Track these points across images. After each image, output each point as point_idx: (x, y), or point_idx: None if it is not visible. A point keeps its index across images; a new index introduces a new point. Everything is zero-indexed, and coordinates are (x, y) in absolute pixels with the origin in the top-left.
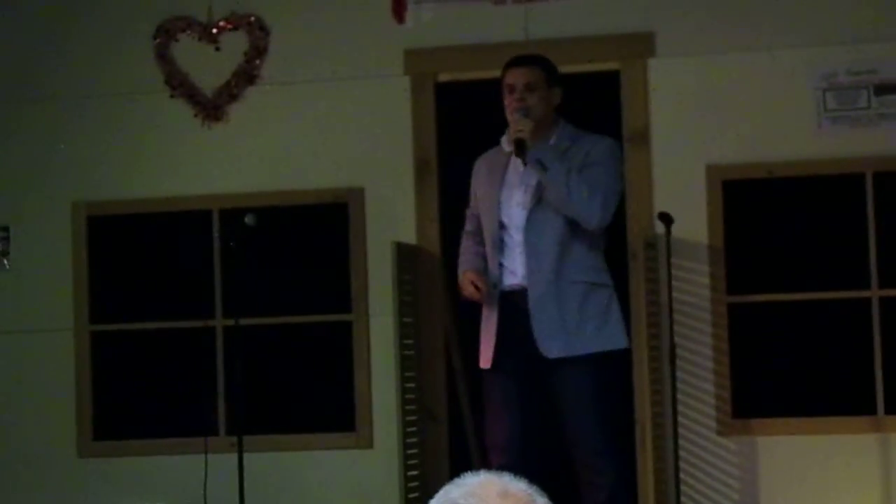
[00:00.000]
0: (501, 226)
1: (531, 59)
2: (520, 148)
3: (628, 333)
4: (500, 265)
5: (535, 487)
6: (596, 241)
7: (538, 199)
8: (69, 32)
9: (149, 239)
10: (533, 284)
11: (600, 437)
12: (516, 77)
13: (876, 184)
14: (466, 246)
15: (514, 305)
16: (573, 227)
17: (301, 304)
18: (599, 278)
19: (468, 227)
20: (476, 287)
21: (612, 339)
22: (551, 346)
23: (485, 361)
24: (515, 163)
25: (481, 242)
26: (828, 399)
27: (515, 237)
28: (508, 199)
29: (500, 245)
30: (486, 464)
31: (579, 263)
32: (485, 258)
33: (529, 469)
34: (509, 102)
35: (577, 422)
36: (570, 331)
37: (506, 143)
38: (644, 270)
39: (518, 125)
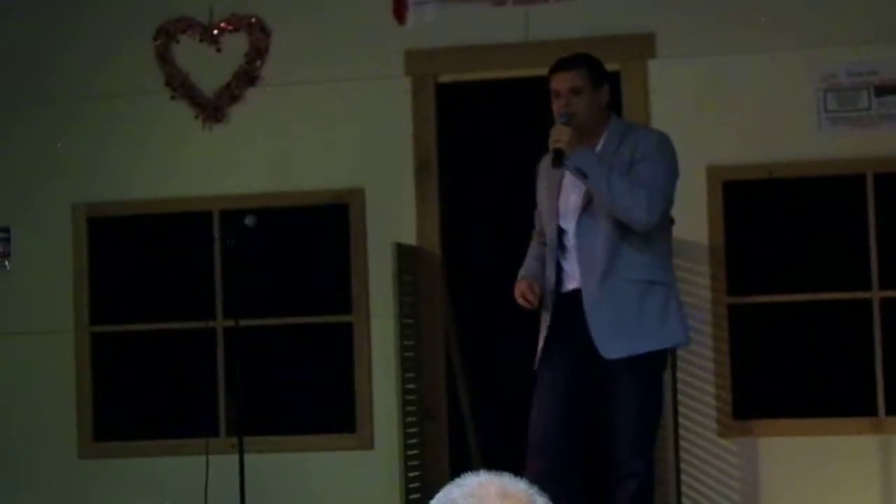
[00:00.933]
0: (561, 231)
1: (574, 61)
2: (558, 158)
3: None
4: (560, 269)
5: (534, 488)
6: (652, 238)
7: (587, 202)
8: (70, 34)
9: (149, 240)
10: (586, 287)
11: (639, 438)
12: (560, 82)
13: (876, 184)
14: (531, 248)
15: (571, 306)
16: (623, 228)
17: (301, 304)
18: (656, 276)
19: (536, 226)
20: (526, 298)
21: (671, 336)
22: (611, 347)
23: (539, 357)
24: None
25: (544, 243)
26: (828, 400)
27: (573, 241)
28: (566, 203)
29: (562, 249)
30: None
31: (633, 262)
32: (544, 262)
33: (565, 472)
34: (556, 108)
35: (622, 421)
36: (628, 332)
37: None
38: None
39: (555, 134)
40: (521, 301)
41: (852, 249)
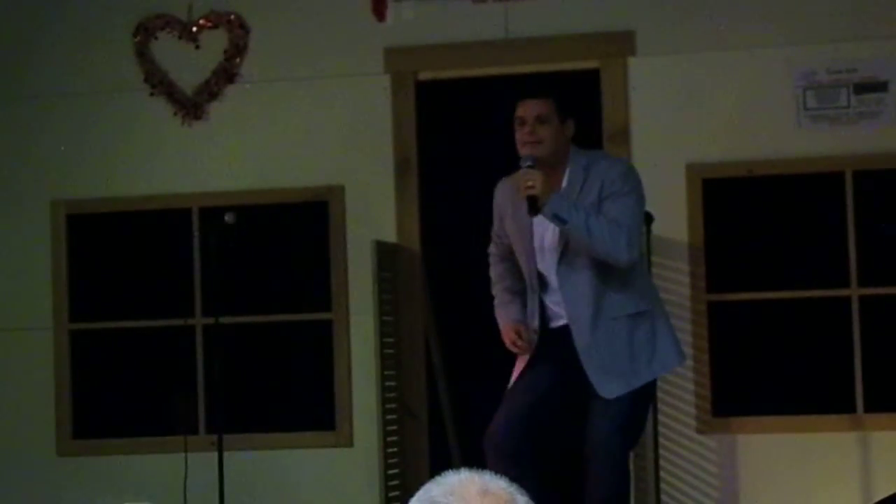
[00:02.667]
0: (540, 271)
1: (543, 90)
2: (532, 206)
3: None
4: (544, 306)
5: (515, 486)
6: (630, 271)
7: (566, 244)
8: (48, 30)
9: (128, 237)
10: (578, 333)
11: (622, 446)
12: (527, 110)
13: (855, 182)
14: (499, 285)
15: (560, 339)
16: (605, 267)
17: (281, 302)
18: (640, 307)
19: (493, 249)
20: (520, 337)
21: (664, 364)
22: (609, 387)
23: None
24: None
25: (511, 270)
26: (807, 397)
27: (555, 284)
28: (541, 242)
29: (542, 287)
30: (468, 456)
31: (618, 300)
32: (521, 297)
33: (519, 459)
34: (520, 136)
35: (606, 429)
36: (623, 369)
37: None
38: None
39: (527, 180)
40: (512, 348)
41: (831, 247)
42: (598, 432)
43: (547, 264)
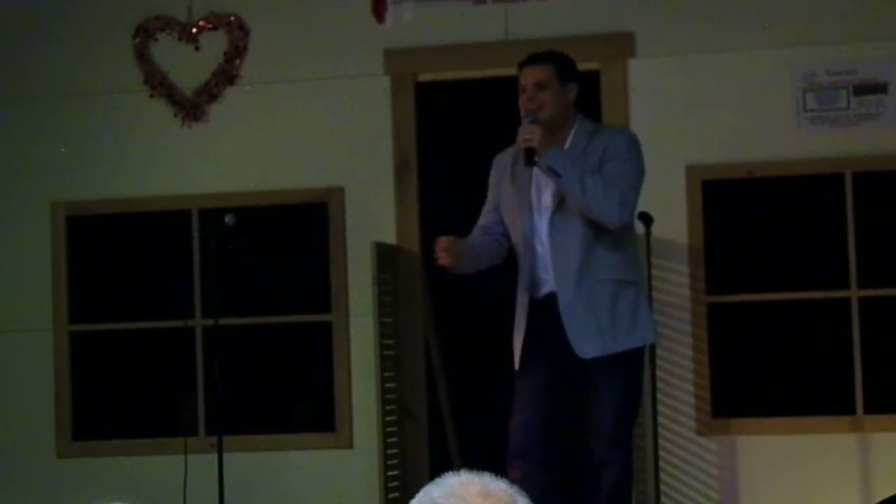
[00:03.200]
0: (533, 233)
1: (542, 56)
2: (529, 157)
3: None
4: (534, 274)
5: (515, 488)
6: (621, 238)
7: (560, 201)
8: (48, 32)
9: (128, 239)
10: (561, 288)
11: (616, 432)
12: (526, 77)
13: (855, 184)
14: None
15: (546, 309)
16: (596, 227)
17: (281, 304)
18: (627, 275)
19: (480, 222)
20: (444, 254)
21: (641, 336)
22: (585, 346)
23: (518, 364)
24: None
25: (490, 244)
26: (807, 399)
27: (545, 240)
28: (538, 204)
29: (533, 253)
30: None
31: (606, 262)
32: (490, 246)
33: (547, 472)
34: (522, 103)
35: (600, 416)
36: (603, 331)
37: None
38: None
39: (525, 133)
40: (439, 254)
41: (831, 248)
42: (597, 425)
43: (541, 222)
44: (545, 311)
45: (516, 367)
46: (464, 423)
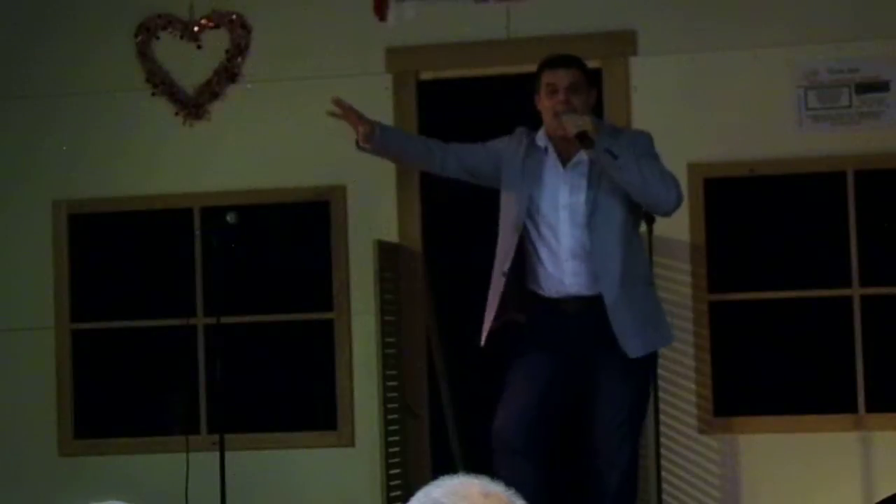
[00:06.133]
0: (536, 229)
1: (573, 60)
2: (585, 140)
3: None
4: (548, 274)
5: (511, 490)
6: (641, 239)
7: (594, 205)
8: (50, 30)
9: (130, 237)
10: (606, 289)
11: (627, 432)
12: (559, 78)
13: (857, 182)
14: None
15: (558, 311)
16: (630, 227)
17: (283, 302)
18: (649, 276)
19: (452, 144)
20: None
21: (664, 335)
22: (635, 345)
23: (483, 336)
24: (554, 163)
25: (442, 150)
26: (809, 397)
27: (563, 242)
28: (552, 200)
29: (550, 252)
30: (469, 456)
31: (638, 264)
32: (423, 146)
33: (542, 472)
34: (553, 103)
35: (611, 417)
36: (643, 330)
37: (542, 140)
38: None
39: (572, 121)
40: (334, 105)
41: (833, 247)
42: (607, 423)
43: (560, 223)
44: (557, 312)
45: (482, 342)
46: (466, 421)
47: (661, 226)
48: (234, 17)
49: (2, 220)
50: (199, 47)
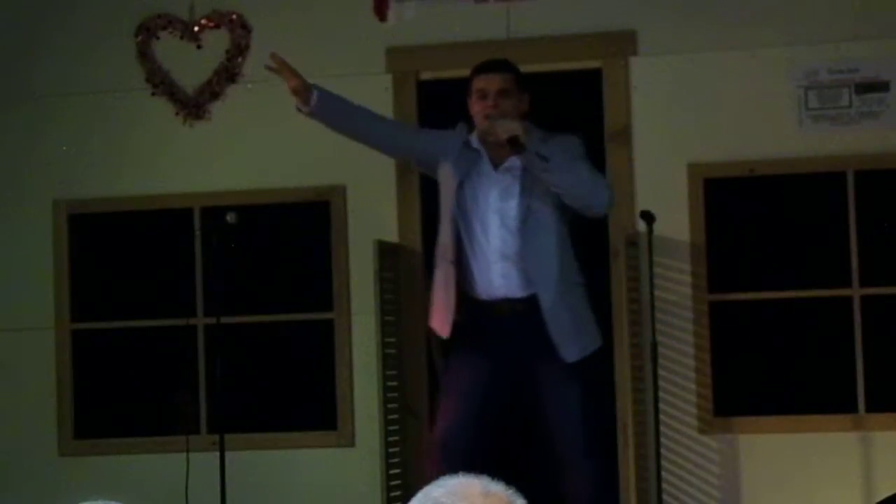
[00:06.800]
0: (466, 228)
1: (503, 64)
2: (515, 144)
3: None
4: (481, 276)
5: (512, 489)
6: (569, 240)
7: (527, 209)
8: (51, 30)
9: (130, 237)
10: (543, 291)
11: (587, 439)
12: (489, 83)
13: (857, 182)
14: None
15: (490, 314)
16: (565, 230)
17: (282, 302)
18: (581, 278)
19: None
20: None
21: (597, 337)
22: (571, 349)
23: (441, 328)
24: (486, 166)
25: (393, 126)
26: (809, 397)
27: (492, 243)
28: (483, 202)
29: (480, 254)
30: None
31: (570, 265)
32: (364, 118)
33: (475, 460)
34: (482, 108)
35: (566, 425)
36: (581, 331)
37: (475, 142)
38: (625, 268)
39: (503, 126)
40: (271, 60)
41: (833, 247)
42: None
43: (491, 226)
44: (493, 313)
45: (438, 331)
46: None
47: (662, 226)
48: (234, 17)
49: (2, 220)
50: (199, 47)
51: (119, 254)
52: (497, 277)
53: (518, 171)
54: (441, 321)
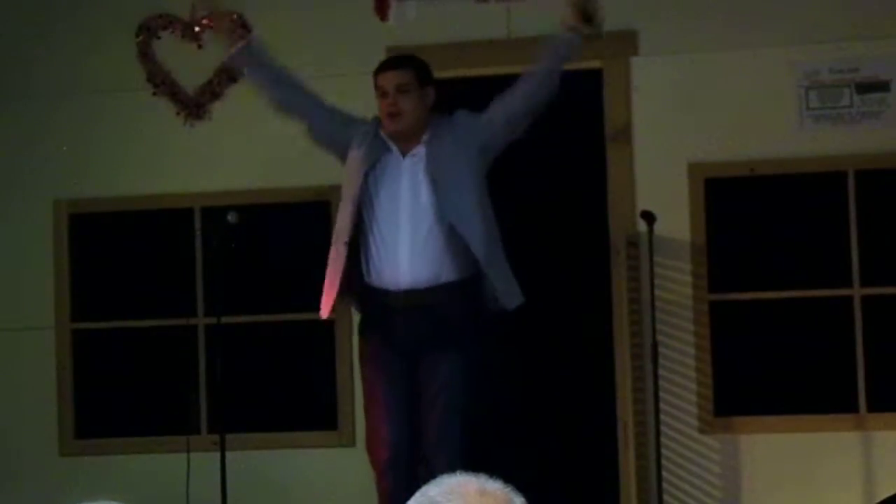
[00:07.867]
0: (371, 217)
1: (402, 60)
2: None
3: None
4: (390, 265)
5: (510, 486)
6: (488, 199)
7: (434, 182)
8: (51, 30)
9: (131, 237)
10: (476, 246)
11: (445, 435)
12: (387, 81)
13: (858, 182)
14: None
15: (387, 305)
16: (481, 190)
17: (283, 301)
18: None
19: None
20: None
21: (519, 294)
22: (511, 298)
23: (323, 308)
24: (395, 155)
25: (305, 91)
26: (810, 397)
27: (402, 229)
28: (392, 190)
29: (391, 245)
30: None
31: (492, 222)
32: (286, 83)
33: (408, 464)
34: (384, 106)
35: (433, 416)
36: (514, 282)
37: (385, 136)
38: (626, 268)
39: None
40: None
41: (834, 247)
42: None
43: (401, 212)
44: (387, 304)
45: (322, 311)
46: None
47: (662, 225)
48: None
49: (2, 220)
50: (199, 47)
51: (119, 253)
52: (404, 263)
53: (422, 158)
54: (325, 301)
